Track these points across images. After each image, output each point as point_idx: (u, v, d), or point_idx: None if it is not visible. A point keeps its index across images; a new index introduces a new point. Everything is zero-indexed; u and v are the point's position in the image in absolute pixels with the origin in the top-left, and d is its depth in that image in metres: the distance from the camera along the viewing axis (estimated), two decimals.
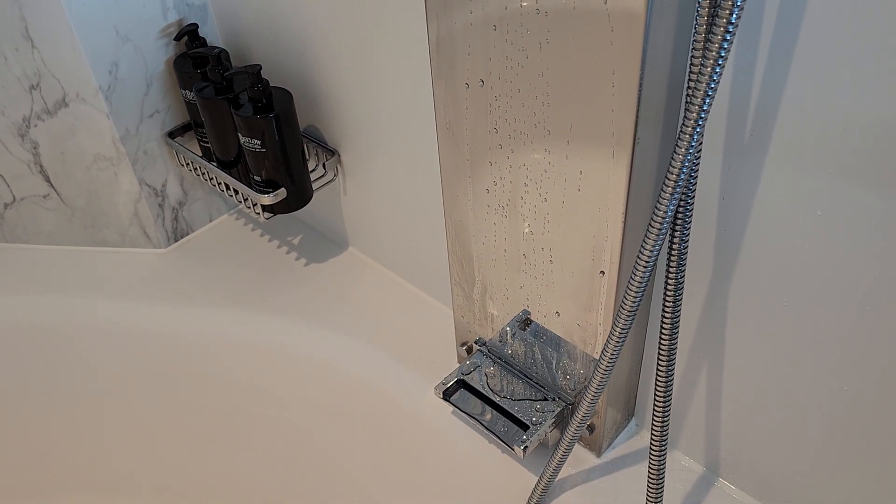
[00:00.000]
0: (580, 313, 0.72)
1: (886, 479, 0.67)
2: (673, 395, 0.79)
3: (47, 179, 1.08)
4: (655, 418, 0.69)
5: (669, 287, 0.62)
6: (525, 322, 0.82)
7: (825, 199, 0.57)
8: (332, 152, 1.00)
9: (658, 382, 0.68)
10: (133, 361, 1.09)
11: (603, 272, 0.67)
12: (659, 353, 0.66)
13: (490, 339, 0.87)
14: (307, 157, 1.01)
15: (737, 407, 0.75)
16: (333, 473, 1.06)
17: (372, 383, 0.97)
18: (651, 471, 0.72)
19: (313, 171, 1.03)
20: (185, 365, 1.08)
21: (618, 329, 0.63)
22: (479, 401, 0.84)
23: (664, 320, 0.65)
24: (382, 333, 1.00)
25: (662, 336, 0.65)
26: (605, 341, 0.66)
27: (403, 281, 1.07)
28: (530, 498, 0.80)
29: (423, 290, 1.05)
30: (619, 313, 0.62)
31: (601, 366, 0.66)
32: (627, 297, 0.60)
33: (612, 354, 0.65)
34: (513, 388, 0.84)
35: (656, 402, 0.68)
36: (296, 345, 1.02)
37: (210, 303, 1.07)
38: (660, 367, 0.67)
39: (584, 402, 0.70)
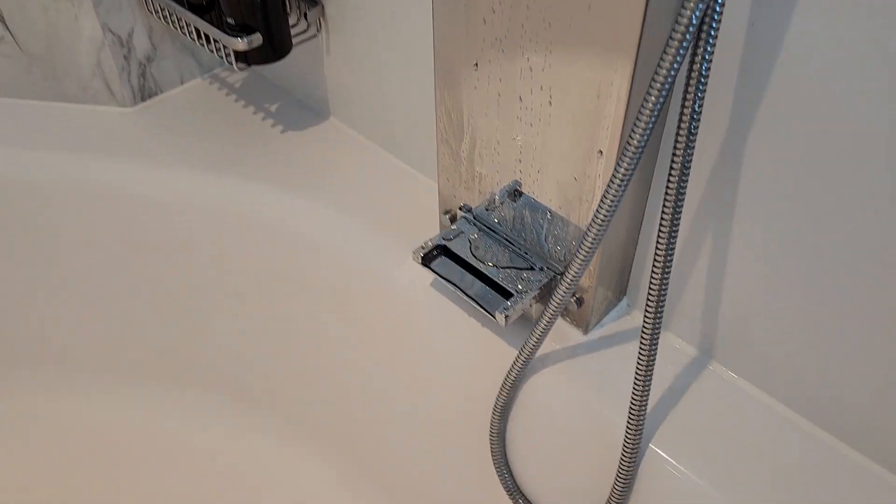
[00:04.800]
0: (578, 165, 0.65)
1: (886, 366, 0.62)
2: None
3: (2, 19, 0.98)
4: (651, 293, 0.63)
5: (684, 123, 0.55)
6: (515, 193, 0.75)
7: (864, 39, 0.49)
8: (314, 2, 0.91)
9: (657, 253, 0.61)
10: (95, 223, 1.02)
11: (608, 116, 0.60)
12: (662, 218, 0.60)
13: (476, 207, 0.80)
14: (288, 8, 0.92)
15: (737, 288, 0.69)
16: (307, 346, 1.01)
17: (347, 253, 0.91)
18: (642, 351, 0.66)
19: (294, 25, 0.94)
20: (152, 229, 1.01)
21: (620, 171, 0.56)
22: (460, 268, 0.78)
23: (671, 175, 0.58)
24: (361, 205, 0.93)
25: (667, 195, 0.59)
26: (602, 194, 0.59)
27: (386, 153, 1.00)
28: (510, 371, 0.75)
29: (407, 163, 0.98)
30: (624, 152, 0.55)
31: (598, 218, 0.60)
32: (636, 129, 0.53)
33: (612, 203, 0.58)
34: (498, 257, 0.77)
35: (653, 276, 0.62)
36: (269, 213, 0.95)
37: (179, 166, 0.99)
38: (661, 234, 0.60)
39: (575, 264, 0.64)
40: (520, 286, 0.74)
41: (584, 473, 0.76)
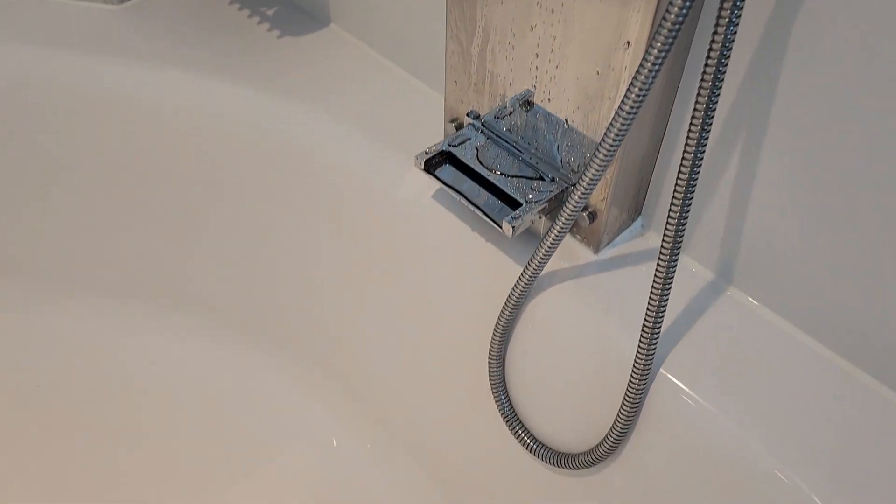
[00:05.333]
0: (602, 57, 0.59)
1: None
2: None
3: None
4: (673, 211, 0.57)
5: (725, 9, 0.49)
6: (527, 103, 0.69)
7: None
8: None
9: (683, 165, 0.55)
10: (80, 126, 0.96)
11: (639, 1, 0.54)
12: (691, 123, 0.54)
13: (485, 114, 0.74)
14: None
15: (762, 210, 0.64)
16: (301, 261, 0.95)
17: (345, 164, 0.85)
18: (659, 271, 0.61)
19: None
20: (141, 134, 0.94)
21: (651, 55, 0.50)
22: (465, 177, 0.72)
23: (705, 71, 0.52)
24: (361, 115, 0.87)
25: (699, 96, 0.53)
26: (629, 84, 0.53)
27: (390, 62, 0.94)
28: (514, 288, 0.70)
29: (412, 73, 0.92)
30: (653, 42, 0.49)
31: (623, 110, 0.54)
32: (670, 11, 0.48)
33: (641, 92, 0.52)
34: (506, 165, 0.72)
35: (677, 190, 0.56)
36: (264, 120, 0.89)
37: (169, 68, 0.92)
38: (689, 143, 0.54)
39: (592, 167, 0.58)
40: (529, 196, 0.69)
41: (587, 400, 0.71)
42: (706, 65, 0.51)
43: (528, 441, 0.75)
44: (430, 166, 0.73)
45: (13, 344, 1.09)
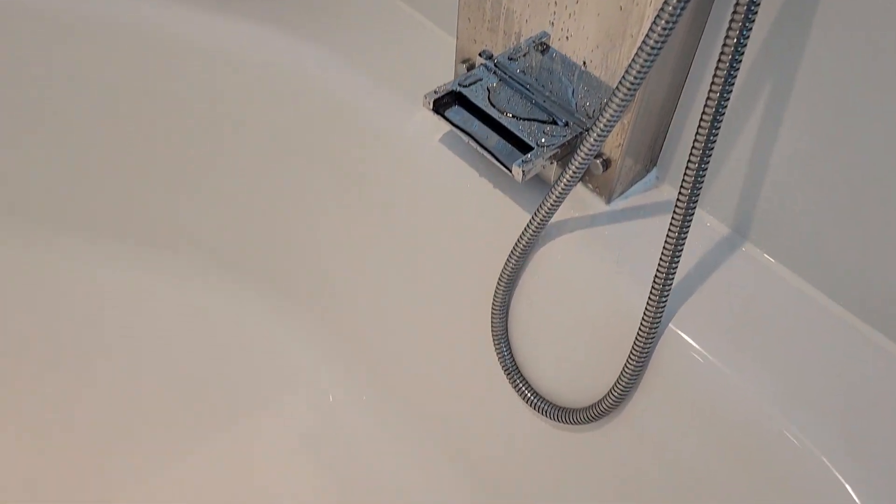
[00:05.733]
0: None
1: None
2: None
3: None
4: (692, 160, 0.55)
5: None
6: (543, 46, 0.66)
7: None
8: None
9: (706, 110, 0.53)
10: (80, 59, 0.92)
11: None
12: (717, 67, 0.51)
13: (499, 54, 0.71)
14: None
15: (783, 164, 0.61)
16: (303, 204, 0.93)
17: (351, 104, 0.82)
18: (674, 222, 0.58)
19: None
20: (142, 69, 0.91)
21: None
22: (476, 119, 0.69)
23: (737, 6, 0.49)
24: (368, 54, 0.84)
25: (727, 38, 0.50)
26: (653, 21, 0.50)
27: (400, 2, 0.90)
28: (522, 235, 0.67)
29: (422, 13, 0.88)
30: None
31: (646, 46, 0.51)
32: None
33: (666, 27, 0.49)
34: (518, 107, 0.69)
35: (697, 138, 0.53)
36: (267, 57, 0.86)
37: (171, 2, 0.89)
38: (713, 87, 0.51)
39: (610, 108, 0.55)
40: (542, 140, 0.66)
41: (591, 354, 0.69)
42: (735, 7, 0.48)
43: (529, 395, 0.74)
44: (439, 107, 0.70)
45: (6, 279, 1.07)
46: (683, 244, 0.59)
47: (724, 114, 0.53)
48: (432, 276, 0.82)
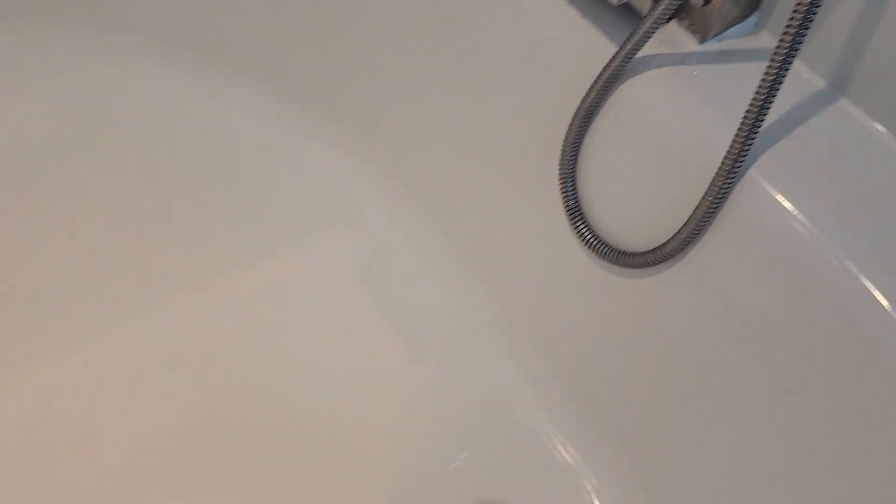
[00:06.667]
0: None
1: None
2: None
3: None
4: (799, 6, 0.50)
5: None
6: None
7: None
8: None
9: None
10: None
11: None
12: None
13: None
14: None
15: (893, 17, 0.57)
16: (360, 15, 0.89)
17: None
18: (772, 66, 0.54)
19: None
20: None
21: None
22: None
23: None
24: None
25: None
26: None
27: None
28: (607, 66, 0.64)
29: None
30: None
31: None
32: None
33: None
34: None
35: None
36: None
37: None
38: None
39: None
40: None
41: (661, 198, 0.67)
42: None
43: (589, 237, 0.72)
44: None
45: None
46: (778, 90, 0.56)
47: None
48: (500, 107, 0.79)
